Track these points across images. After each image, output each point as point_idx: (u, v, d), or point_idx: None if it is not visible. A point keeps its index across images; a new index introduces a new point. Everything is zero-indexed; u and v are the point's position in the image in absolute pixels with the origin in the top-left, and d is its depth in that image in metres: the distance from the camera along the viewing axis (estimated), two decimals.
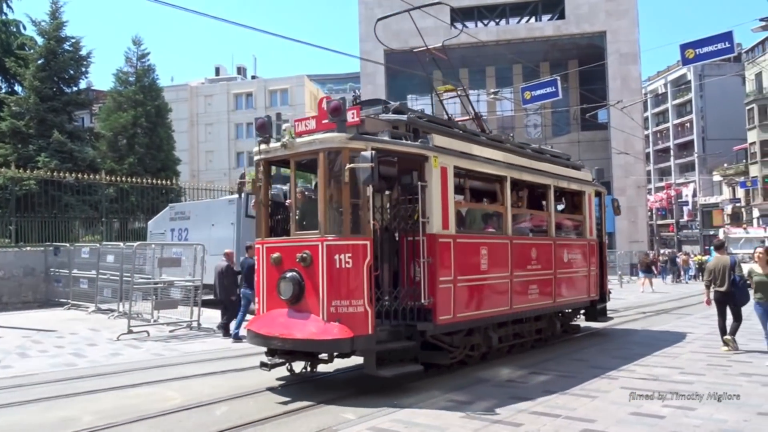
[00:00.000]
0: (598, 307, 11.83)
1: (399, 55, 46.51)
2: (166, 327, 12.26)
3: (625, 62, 44.10)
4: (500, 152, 9.07)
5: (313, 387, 7.33)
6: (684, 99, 75.24)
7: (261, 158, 7.65)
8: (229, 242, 15.67)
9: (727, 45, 14.75)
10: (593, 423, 5.48)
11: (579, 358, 8.99)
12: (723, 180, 66.35)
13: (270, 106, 58.46)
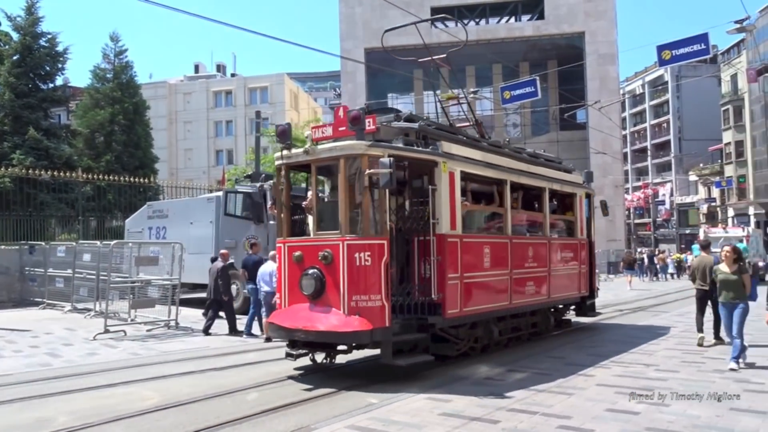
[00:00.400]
0: (588, 303, 12.49)
1: (379, 54, 46.58)
2: (144, 326, 12.14)
3: (603, 63, 44.60)
4: (500, 157, 9.64)
5: (297, 386, 7.31)
6: (661, 100, 76.33)
7: (282, 163, 8.12)
8: (208, 241, 15.58)
9: (703, 47, 14.99)
10: (569, 419, 5.55)
11: (556, 355, 9.08)
12: (699, 180, 67.45)
13: (250, 104, 58.07)
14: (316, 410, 6.15)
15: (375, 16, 46.28)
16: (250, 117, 46.47)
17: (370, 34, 47.09)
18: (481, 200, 9.62)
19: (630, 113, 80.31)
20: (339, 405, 6.35)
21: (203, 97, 59.93)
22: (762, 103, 56.43)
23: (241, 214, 15.28)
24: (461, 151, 8.59)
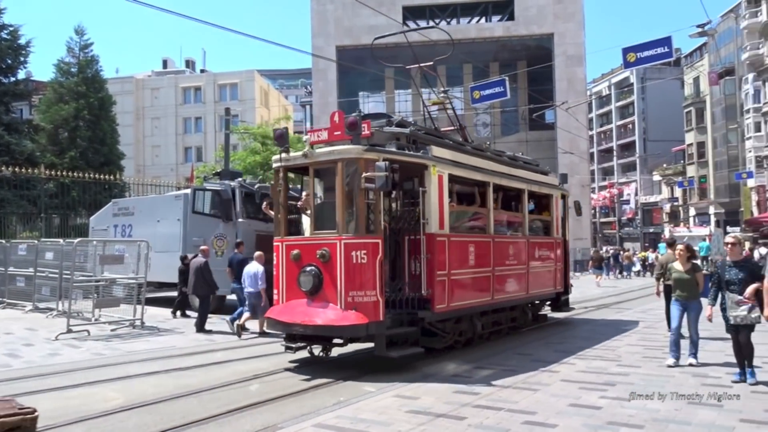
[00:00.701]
0: (563, 298, 13.17)
1: (351, 52, 46.51)
2: (108, 326, 11.92)
3: (571, 64, 45.27)
4: (483, 160, 10.18)
5: (265, 385, 7.27)
6: (626, 101, 77.86)
7: (280, 165, 8.51)
8: (176, 239, 15.36)
9: (666, 50, 15.34)
10: (534, 415, 5.64)
11: (522, 352, 9.21)
12: (662, 180, 69.03)
13: (219, 100, 57.37)
14: (284, 409, 6.14)
15: (347, 14, 46.15)
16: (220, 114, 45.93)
17: (341, 31, 46.98)
18: (465, 201, 10.00)
19: (597, 114, 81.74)
20: (307, 403, 6.34)
21: (171, 93, 58.99)
22: (722, 106, 58.03)
23: (210, 212, 15.10)
24: (449, 155, 9.08)
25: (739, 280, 6.78)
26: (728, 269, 6.94)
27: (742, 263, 6.97)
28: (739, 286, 6.76)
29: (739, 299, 6.66)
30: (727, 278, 6.90)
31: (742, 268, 6.87)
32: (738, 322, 6.69)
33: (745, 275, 6.79)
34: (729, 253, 7.17)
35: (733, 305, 6.72)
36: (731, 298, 6.75)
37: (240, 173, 19.74)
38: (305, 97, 66.76)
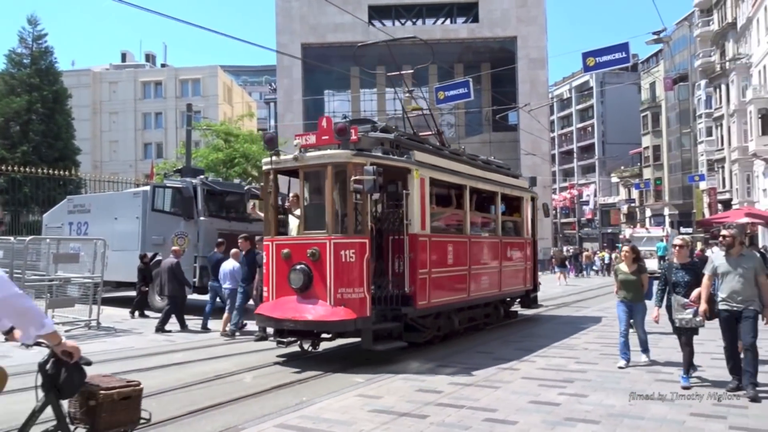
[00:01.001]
0: (531, 296, 13.81)
1: (316, 50, 46.27)
2: (62, 327, 11.57)
3: (533, 67, 46.00)
4: (460, 164, 10.69)
5: (227, 386, 7.19)
6: (586, 104, 79.58)
7: (271, 168, 8.87)
8: (134, 237, 15.05)
9: (624, 55, 15.74)
10: (495, 412, 5.72)
11: (484, 350, 9.33)
12: (620, 181, 70.82)
13: (181, 96, 56.30)
14: (246, 409, 6.08)
15: (312, 11, 45.88)
16: (181, 109, 45.16)
17: (307, 29, 46.69)
18: (444, 203, 10.44)
19: (558, 116, 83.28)
20: (269, 403, 6.29)
21: (131, 87, 57.62)
22: (677, 111, 59.84)
23: (170, 209, 14.84)
24: (430, 159, 9.57)
25: (685, 282, 6.80)
26: (675, 271, 6.96)
27: (689, 266, 7.00)
28: (685, 288, 6.77)
29: (685, 302, 6.66)
30: (674, 280, 6.90)
31: (689, 271, 6.89)
32: (683, 324, 6.67)
33: (691, 278, 6.81)
34: (676, 255, 7.17)
35: (678, 308, 6.71)
36: (677, 300, 6.74)
37: (202, 170, 19.44)
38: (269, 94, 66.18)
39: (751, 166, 40.29)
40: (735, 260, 6.38)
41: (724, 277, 6.38)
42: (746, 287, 6.25)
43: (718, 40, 47.55)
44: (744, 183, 41.42)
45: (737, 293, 6.26)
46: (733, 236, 6.44)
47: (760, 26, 38.20)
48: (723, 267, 6.43)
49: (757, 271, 6.27)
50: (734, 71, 41.35)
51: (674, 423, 5.35)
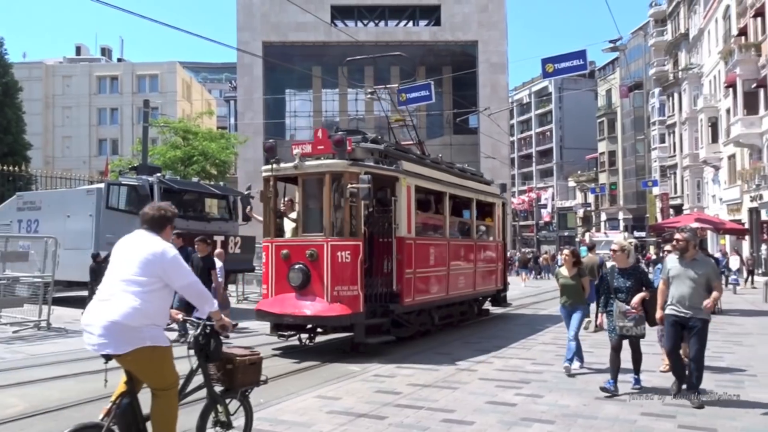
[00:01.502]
0: (501, 295, 14.74)
1: (278, 48, 45.87)
2: (10, 327, 11.18)
3: (494, 71, 46.62)
4: (440, 172, 11.54)
5: None
6: (545, 109, 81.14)
7: (271, 175, 9.55)
8: (87, 236, 14.63)
9: (581, 62, 16.10)
10: (452, 413, 5.77)
11: (443, 352, 9.40)
12: (577, 186, 72.39)
13: (138, 92, 55.00)
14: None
15: (274, 9, 45.44)
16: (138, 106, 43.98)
17: (268, 27, 46.23)
18: (426, 208, 11.25)
19: (517, 121, 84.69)
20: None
21: (85, 82, 55.98)
22: (632, 118, 61.58)
23: (126, 208, 14.47)
24: (414, 168, 10.38)
25: (627, 288, 6.54)
26: (616, 276, 6.68)
27: (630, 271, 6.67)
28: (626, 294, 6.52)
29: (627, 309, 6.42)
30: (615, 285, 6.63)
31: (630, 276, 6.61)
32: (624, 332, 6.47)
33: (632, 283, 6.55)
34: (614, 260, 6.86)
35: (620, 315, 6.47)
36: (618, 307, 6.50)
37: (159, 168, 19.03)
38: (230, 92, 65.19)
39: (701, 172, 41.77)
40: (688, 264, 6.16)
41: (675, 281, 6.18)
42: (696, 293, 6.03)
43: (672, 50, 49.15)
44: (694, 189, 42.91)
45: (686, 299, 6.06)
46: (686, 240, 6.21)
47: (711, 37, 39.66)
48: (675, 270, 6.23)
49: (710, 278, 6.09)
50: (686, 80, 42.81)
51: (626, 422, 5.49)
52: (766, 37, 28.79)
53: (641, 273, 6.75)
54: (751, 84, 30.62)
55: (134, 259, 3.69)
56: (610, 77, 68.30)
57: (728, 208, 35.50)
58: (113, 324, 3.57)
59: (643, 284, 6.58)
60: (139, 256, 3.70)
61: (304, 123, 52.96)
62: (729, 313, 14.88)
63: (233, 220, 16.38)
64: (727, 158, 36.19)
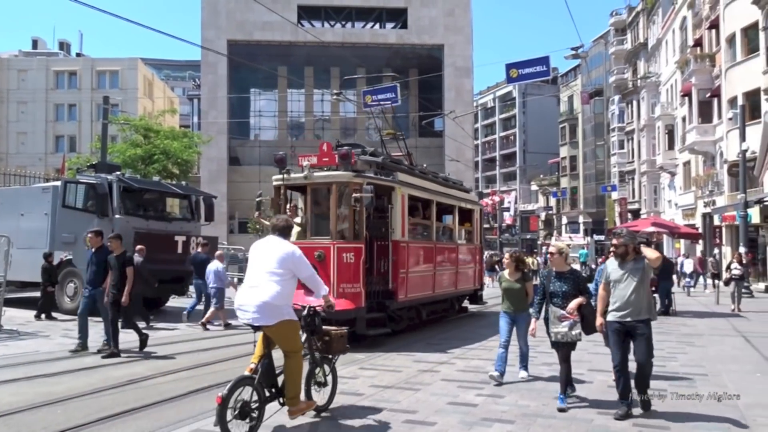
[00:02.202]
0: (479, 294, 15.98)
1: (243, 47, 45.41)
2: None
3: (459, 75, 47.08)
4: (428, 182, 12.67)
5: (140, 391, 6.89)
6: (509, 114, 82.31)
7: (281, 184, 10.64)
8: (43, 235, 14.22)
9: (544, 68, 16.39)
10: (415, 414, 5.80)
11: (406, 352, 9.44)
12: (539, 189, 73.60)
13: (97, 88, 53.70)
14: (160, 415, 5.87)
15: (239, 7, 44.97)
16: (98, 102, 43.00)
17: (234, 25, 45.72)
18: (416, 214, 12.27)
19: (482, 125, 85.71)
20: (186, 408, 6.11)
21: (42, 76, 54.36)
22: (592, 124, 62.97)
23: (83, 206, 14.11)
24: (407, 178, 11.48)
25: (563, 292, 6.14)
26: (553, 280, 6.28)
27: (567, 274, 6.28)
28: (562, 299, 6.12)
29: (562, 314, 6.05)
30: (551, 290, 6.25)
31: (567, 280, 6.22)
32: (558, 339, 6.06)
33: (568, 288, 6.16)
34: (551, 263, 6.50)
35: (555, 320, 6.10)
36: (553, 312, 6.13)
37: (118, 166, 18.60)
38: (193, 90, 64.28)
39: (658, 178, 42.99)
40: (628, 268, 5.79)
41: (616, 287, 5.81)
42: (639, 297, 5.71)
43: (631, 59, 50.48)
44: (651, 194, 44.14)
45: (629, 304, 5.70)
46: (625, 245, 5.83)
47: (668, 47, 40.87)
48: (615, 275, 5.86)
49: (645, 270, 5.77)
50: (645, 89, 44.02)
51: (583, 421, 5.61)
52: (720, 48, 29.81)
53: (578, 277, 6.36)
54: (705, 93, 31.67)
55: (273, 257, 5.13)
56: (572, 84, 69.73)
57: (683, 213, 36.62)
58: (264, 303, 4.97)
59: (580, 289, 6.19)
60: (277, 254, 5.14)
61: (269, 123, 52.54)
62: (682, 314, 15.35)
63: (195, 220, 16.13)
64: (682, 165, 37.32)
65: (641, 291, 5.73)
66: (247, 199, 45.23)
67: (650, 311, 5.83)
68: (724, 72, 28.70)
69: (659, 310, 15.32)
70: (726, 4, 28.44)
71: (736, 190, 23.34)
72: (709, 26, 31.85)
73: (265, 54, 45.38)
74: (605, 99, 59.69)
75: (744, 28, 26.80)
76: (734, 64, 27.61)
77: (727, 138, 28.28)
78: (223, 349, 9.89)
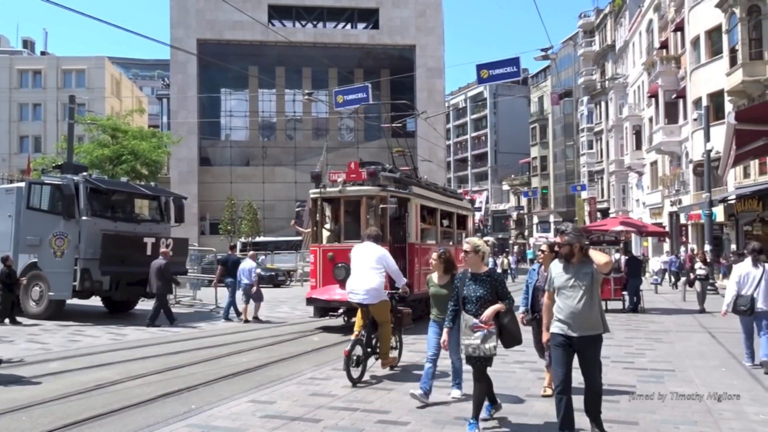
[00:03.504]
0: None
1: (213, 47, 44.92)
2: None
3: (431, 76, 47.31)
4: (433, 193, 14.87)
5: (109, 396, 6.75)
6: (481, 114, 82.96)
7: (319, 196, 12.67)
8: (6, 237, 13.85)
9: (515, 69, 16.56)
10: (388, 414, 5.78)
11: None
12: (510, 189, 74.36)
13: (63, 87, 52.55)
14: (129, 420, 5.75)
15: (209, 7, 44.49)
16: (63, 101, 42.13)
17: (203, 24, 45.22)
18: (425, 220, 14.11)
19: (454, 125, 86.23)
20: (155, 413, 6.00)
21: (5, 75, 52.99)
22: (562, 124, 63.88)
23: (48, 208, 13.76)
24: (419, 191, 13.64)
25: (477, 297, 5.18)
26: (467, 283, 5.31)
27: (483, 276, 5.29)
28: (476, 305, 5.17)
29: (474, 323, 5.07)
30: (464, 294, 5.27)
31: (482, 283, 5.24)
32: (470, 353, 5.11)
33: (484, 292, 5.19)
34: (465, 263, 5.43)
35: (466, 330, 5.12)
36: (466, 320, 5.16)
37: (85, 167, 18.21)
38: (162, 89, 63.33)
39: (626, 177, 43.79)
40: (574, 271, 4.81)
41: (560, 293, 4.86)
42: (587, 308, 4.73)
43: (599, 60, 51.33)
44: (620, 193, 44.94)
45: (576, 315, 4.73)
46: (570, 244, 4.83)
47: (635, 49, 41.67)
48: (559, 280, 4.88)
49: (595, 277, 4.78)
50: (612, 90, 44.81)
51: (554, 418, 5.66)
52: (685, 50, 30.49)
53: (497, 281, 5.31)
54: (671, 94, 32.37)
55: (373, 256, 7.49)
56: (542, 84, 70.61)
57: (651, 211, 37.37)
58: (371, 289, 7.30)
59: (498, 294, 5.22)
60: (375, 255, 7.53)
61: (240, 123, 52.10)
62: (650, 311, 15.65)
63: (165, 222, 15.88)
64: (649, 164, 38.08)
65: (590, 300, 4.75)
66: (218, 200, 44.87)
67: (602, 324, 4.85)
68: (689, 74, 29.37)
69: (628, 307, 15.64)
70: (691, 8, 29.11)
71: (702, 189, 23.89)
72: (675, 29, 32.57)
73: (235, 53, 44.98)
74: (574, 100, 60.60)
75: (708, 31, 27.46)
76: (699, 66, 28.27)
77: (692, 138, 28.94)
78: (193, 352, 9.75)
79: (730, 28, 24.21)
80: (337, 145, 48.81)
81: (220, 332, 12.42)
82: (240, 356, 9.28)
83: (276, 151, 49.84)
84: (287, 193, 47.47)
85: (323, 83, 47.76)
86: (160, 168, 36.18)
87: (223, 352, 9.65)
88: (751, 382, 7.27)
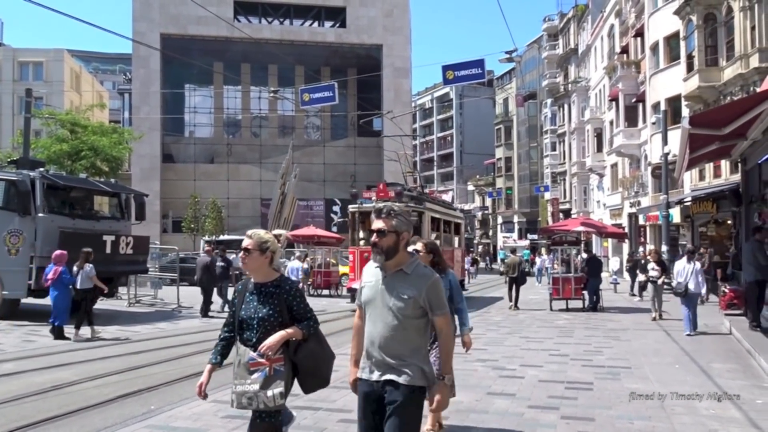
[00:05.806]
0: (463, 282, 20.67)
1: (176, 41, 44.13)
2: None
3: (398, 76, 47.40)
4: (438, 206, 18.54)
5: (64, 397, 6.59)
6: (447, 115, 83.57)
7: (356, 210, 16.62)
8: None
9: (480, 71, 16.78)
10: (350, 413, 5.80)
11: (343, 352, 9.43)
12: (475, 190, 75.10)
13: (20, 80, 50.87)
14: (86, 422, 5.64)
15: (173, 0, 43.68)
16: (20, 95, 40.77)
17: (167, 18, 44.40)
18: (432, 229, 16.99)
19: (420, 125, 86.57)
20: (113, 414, 5.90)
21: None
22: (527, 126, 64.79)
23: (3, 204, 13.34)
24: (430, 206, 17.13)
25: (259, 320, 3.42)
26: (247, 298, 3.51)
27: (270, 288, 3.48)
28: (256, 332, 3.42)
29: (251, 358, 3.39)
30: (241, 316, 3.48)
31: (268, 298, 3.45)
32: (243, 404, 3.44)
33: (268, 311, 3.43)
34: (243, 266, 3.54)
35: (241, 369, 3.44)
36: (241, 354, 3.47)
37: (42, 162, 17.71)
38: (124, 84, 61.89)
39: (587, 179, 44.68)
40: (390, 281, 2.99)
41: (368, 312, 3.08)
42: (398, 333, 2.96)
43: (563, 63, 52.25)
44: (581, 194, 45.84)
45: (383, 346, 2.99)
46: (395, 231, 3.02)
47: (597, 54, 42.55)
48: (368, 293, 3.08)
49: (430, 304, 2.96)
50: (575, 93, 45.67)
51: (514, 415, 5.78)
52: (645, 55, 31.28)
53: (290, 293, 3.50)
54: (631, 98, 33.17)
55: None
56: (506, 86, 71.51)
57: (611, 212, 38.22)
58: None
59: (293, 315, 3.49)
60: None
61: (204, 119, 51.36)
62: (608, 310, 16.03)
63: (125, 219, 15.56)
64: (610, 167, 38.94)
65: (403, 326, 2.97)
66: (181, 197, 44.14)
67: (420, 370, 3.01)
68: (648, 78, 30.14)
69: (587, 306, 15.98)
70: (650, 14, 29.87)
71: (659, 191, 24.54)
72: (635, 34, 33.37)
73: (200, 49, 44.31)
74: (538, 102, 61.52)
75: (666, 37, 28.21)
76: (657, 71, 29.03)
77: (651, 141, 29.70)
78: (154, 352, 9.60)
79: (688, 34, 24.92)
80: (303, 143, 48.52)
81: (182, 332, 12.25)
82: (202, 356, 9.18)
83: (241, 149, 49.29)
84: (252, 191, 46.97)
85: (289, 81, 47.39)
86: (121, 164, 35.41)
87: (185, 351, 9.53)
88: (703, 378, 7.53)
